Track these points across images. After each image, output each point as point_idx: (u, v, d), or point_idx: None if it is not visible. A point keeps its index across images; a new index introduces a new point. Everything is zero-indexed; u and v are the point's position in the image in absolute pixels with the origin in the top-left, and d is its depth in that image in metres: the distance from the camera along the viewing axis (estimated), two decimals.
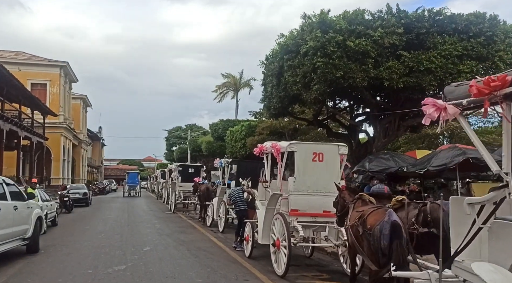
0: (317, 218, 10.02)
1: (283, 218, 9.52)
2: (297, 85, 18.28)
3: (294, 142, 10.22)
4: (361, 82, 16.20)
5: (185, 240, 15.26)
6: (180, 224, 20.91)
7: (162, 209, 31.25)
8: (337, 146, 10.27)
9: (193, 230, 18.21)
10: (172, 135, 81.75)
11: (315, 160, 9.96)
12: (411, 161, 15.68)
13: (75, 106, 59.04)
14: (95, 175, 79.77)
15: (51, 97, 46.59)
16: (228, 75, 66.95)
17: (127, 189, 53.08)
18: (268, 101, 21.99)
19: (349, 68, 16.10)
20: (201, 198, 21.11)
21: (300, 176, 9.91)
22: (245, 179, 15.19)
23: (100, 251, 12.77)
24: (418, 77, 16.14)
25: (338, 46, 16.08)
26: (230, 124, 41.99)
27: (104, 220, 22.32)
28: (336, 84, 16.53)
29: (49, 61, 47.73)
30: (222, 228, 17.14)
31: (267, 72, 21.63)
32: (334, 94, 17.72)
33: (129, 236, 16.26)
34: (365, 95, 17.65)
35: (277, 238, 9.77)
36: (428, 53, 16.08)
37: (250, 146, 30.97)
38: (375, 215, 6.15)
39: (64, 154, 48.24)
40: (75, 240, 15.07)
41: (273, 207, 10.40)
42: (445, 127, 26.39)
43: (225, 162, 18.24)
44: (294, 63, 18.17)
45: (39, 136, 37.51)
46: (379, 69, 16.16)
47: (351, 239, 6.70)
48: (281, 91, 20.22)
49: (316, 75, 16.62)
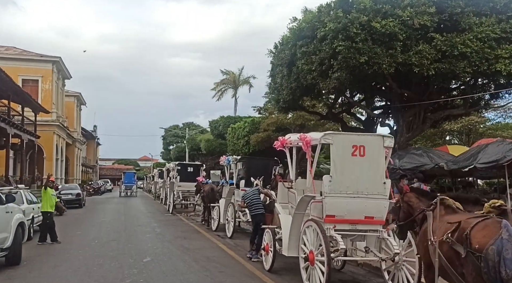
0: (357, 225, 8.18)
1: (319, 226, 7.67)
2: (312, 74, 16.46)
3: (329, 132, 8.35)
4: (388, 68, 14.38)
5: (190, 247, 13.39)
6: (182, 227, 19.03)
7: (160, 210, 29.35)
8: (381, 137, 8.40)
9: (197, 235, 16.34)
10: (169, 134, 79.69)
11: (355, 154, 8.12)
12: (447, 157, 13.83)
13: (68, 104, 57.11)
14: (89, 174, 77.74)
15: (43, 94, 44.69)
16: (227, 72, 65.14)
17: (124, 188, 52.37)
18: (277, 94, 20.14)
19: (374, 53, 14.27)
20: (205, 199, 19.24)
21: (337, 174, 8.06)
22: (257, 178, 13.35)
23: (93, 263, 10.93)
24: (451, 63, 14.32)
25: (362, 28, 14.28)
26: (231, 121, 40.10)
27: (99, 223, 20.41)
28: (359, 71, 14.70)
29: (41, 57, 45.72)
30: (231, 233, 15.27)
31: (277, 62, 19.79)
32: (355, 83, 15.84)
33: (126, 243, 14.39)
34: (390, 84, 15.79)
35: (309, 250, 7.93)
36: (463, 35, 14.26)
37: (255, 143, 29.16)
38: (484, 229, 4.34)
39: (57, 153, 46.30)
40: (65, 249, 13.17)
41: (302, 212, 8.57)
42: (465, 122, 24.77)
43: (233, 159, 16.33)
44: (309, 49, 16.35)
45: (30, 134, 35.60)
46: (408, 54, 14.34)
47: (441, 261, 4.84)
48: (292, 81, 18.40)
49: (337, 61, 14.81)
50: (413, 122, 17.34)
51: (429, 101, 16.04)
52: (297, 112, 25.96)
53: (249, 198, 11.65)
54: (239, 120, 37.41)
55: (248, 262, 11.06)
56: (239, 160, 16.03)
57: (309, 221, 8.10)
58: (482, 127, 26.78)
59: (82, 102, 63.69)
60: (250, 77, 63.40)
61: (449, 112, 17.53)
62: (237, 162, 16.15)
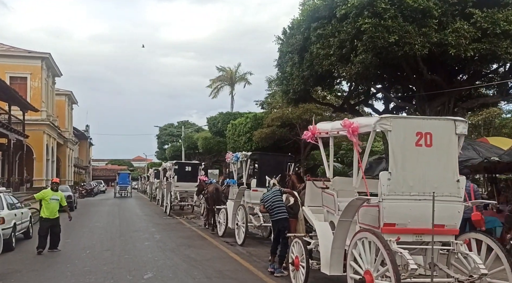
0: (422, 236, 6.32)
1: (379, 239, 5.80)
2: (329, 59, 14.65)
3: (387, 116, 6.47)
4: (421, 50, 12.53)
5: (198, 258, 11.49)
6: (184, 233, 17.10)
7: (157, 212, 27.40)
8: (453, 122, 6.52)
9: (203, 242, 14.42)
10: (164, 133, 77.55)
11: (420, 144, 6.26)
12: (496, 150, 11.98)
13: (59, 103, 55.06)
14: (82, 175, 75.47)
15: (32, 91, 42.68)
16: (223, 68, 63.35)
17: (118, 189, 51.68)
18: (286, 84, 18.26)
19: (405, 32, 12.46)
20: (209, 200, 17.33)
21: (398, 170, 6.20)
22: (273, 177, 11.48)
23: (83, 281, 9.04)
24: (492, 42, 12.55)
25: (391, 3, 12.50)
26: (230, 117, 38.14)
27: (91, 229, 18.43)
28: (387, 53, 12.88)
29: (29, 53, 43.62)
30: (242, 240, 13.37)
31: (286, 49, 17.94)
32: (380, 68, 13.99)
33: (122, 253, 12.47)
34: (421, 68, 13.94)
35: (365, 270, 6.07)
36: (505, 11, 12.48)
37: (258, 139, 27.26)
38: None
39: (48, 153, 44.22)
40: (50, 262, 11.26)
41: (349, 219, 6.70)
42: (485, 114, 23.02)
43: (242, 156, 14.41)
44: (326, 31, 14.55)
45: (18, 133, 33.59)
46: (444, 33, 12.52)
47: None
48: (305, 69, 16.57)
49: (361, 42, 12.99)
50: (441, 113, 15.50)
51: (465, 87, 14.22)
52: (303, 106, 24.02)
53: (269, 200, 9.77)
54: (239, 116, 35.50)
55: (270, 278, 9.20)
56: (250, 156, 14.12)
57: (363, 231, 6.23)
58: (505, 121, 25.01)
59: (73, 101, 61.52)
60: (247, 73, 61.84)
61: (484, 101, 15.75)
62: (247, 159, 14.23)
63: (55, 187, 13.29)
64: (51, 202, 12.74)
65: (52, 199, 12.78)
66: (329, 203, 7.77)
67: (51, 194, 12.90)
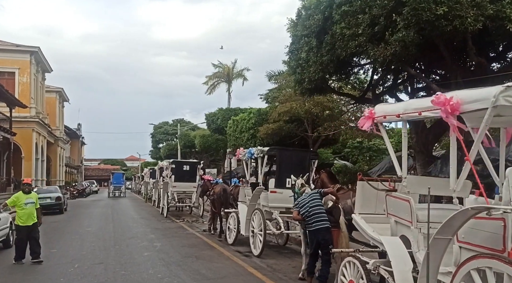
0: None
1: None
2: (357, 39, 12.58)
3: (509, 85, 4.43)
4: (473, 24, 10.52)
5: (210, 275, 9.45)
6: (188, 240, 14.99)
7: (154, 215, 25.26)
8: None
9: (212, 253, 12.31)
10: (158, 132, 75.23)
11: None
12: None
13: (50, 100, 52.85)
14: (74, 175, 73.08)
15: (21, 87, 40.67)
16: (219, 65, 61.12)
17: (112, 189, 51.11)
18: (301, 72, 16.13)
19: (456, 2, 10.41)
20: (215, 203, 15.28)
21: None
22: (300, 176, 9.47)
23: None
24: None
25: None
26: (231, 113, 36.02)
27: (81, 235, 16.27)
28: (432, 28, 10.84)
29: (17, 46, 41.39)
30: (260, 251, 11.30)
31: (301, 33, 15.81)
32: (421, 48, 11.91)
33: (117, 267, 10.41)
34: (469, 47, 11.89)
35: None
36: None
37: (264, 135, 25.15)
38: None
39: (37, 152, 41.99)
40: (29, 280, 9.17)
41: (449, 236, 4.65)
42: None
43: (258, 151, 12.34)
44: (353, 8, 12.52)
45: (4, 131, 31.44)
46: (501, 3, 10.52)
47: None
48: (324, 54, 14.46)
49: (401, 16, 10.95)
50: None
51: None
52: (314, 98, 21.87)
53: (306, 205, 7.75)
54: (240, 112, 33.40)
55: None
56: (267, 151, 12.05)
57: (484, 258, 4.17)
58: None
59: (65, 99, 59.18)
60: (244, 69, 59.74)
61: None
62: (263, 155, 12.15)
63: (26, 188, 11.32)
64: (26, 206, 10.83)
65: (27, 203, 10.88)
66: (400, 211, 5.76)
67: (24, 198, 10.98)
